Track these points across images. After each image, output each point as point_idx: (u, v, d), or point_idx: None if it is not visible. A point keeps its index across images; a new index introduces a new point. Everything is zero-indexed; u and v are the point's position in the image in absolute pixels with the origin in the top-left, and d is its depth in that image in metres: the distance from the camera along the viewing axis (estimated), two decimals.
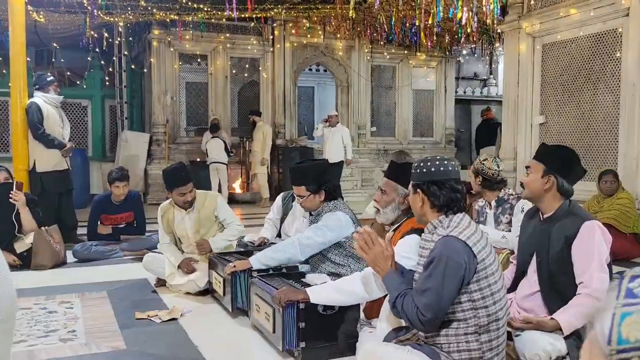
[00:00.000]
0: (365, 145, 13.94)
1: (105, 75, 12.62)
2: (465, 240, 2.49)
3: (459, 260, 2.44)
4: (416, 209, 2.70)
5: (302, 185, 4.12)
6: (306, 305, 3.17)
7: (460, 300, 2.51)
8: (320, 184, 4.10)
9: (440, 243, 2.52)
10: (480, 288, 2.50)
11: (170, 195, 4.84)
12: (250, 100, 13.59)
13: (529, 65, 8.53)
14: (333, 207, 4.09)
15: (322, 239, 3.94)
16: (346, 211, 4.07)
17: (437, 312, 2.46)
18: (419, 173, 2.66)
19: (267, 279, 3.66)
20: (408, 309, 2.51)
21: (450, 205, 2.60)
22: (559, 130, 8.06)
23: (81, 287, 4.99)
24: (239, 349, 3.50)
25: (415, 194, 2.67)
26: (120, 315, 4.15)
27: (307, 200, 4.14)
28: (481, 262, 2.50)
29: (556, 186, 3.18)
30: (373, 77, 14.26)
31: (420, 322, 2.48)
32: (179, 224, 4.87)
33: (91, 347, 3.49)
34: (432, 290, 2.46)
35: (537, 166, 3.25)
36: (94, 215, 6.42)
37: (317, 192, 4.11)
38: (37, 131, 6.89)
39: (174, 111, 12.45)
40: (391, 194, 3.36)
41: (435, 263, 2.48)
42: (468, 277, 2.48)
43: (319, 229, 3.95)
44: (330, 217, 3.99)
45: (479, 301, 2.51)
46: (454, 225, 2.57)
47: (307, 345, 3.20)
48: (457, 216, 2.61)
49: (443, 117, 14.96)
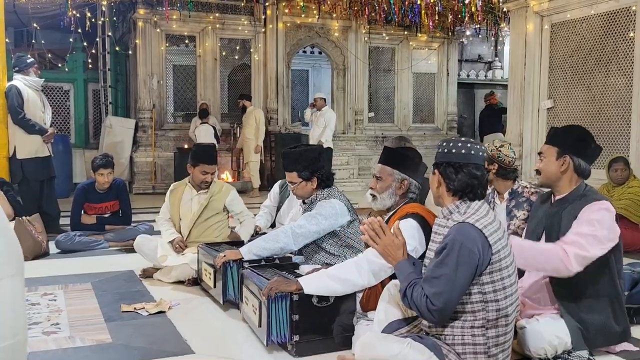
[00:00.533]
0: (362, 131, 13.93)
1: (88, 58, 12.56)
2: (481, 228, 2.50)
3: (473, 249, 2.46)
4: (433, 189, 2.73)
5: (294, 172, 4.13)
6: (300, 297, 3.19)
7: (470, 292, 2.53)
8: (313, 171, 4.10)
9: (455, 229, 2.53)
10: (493, 281, 2.52)
11: (191, 171, 4.97)
12: (241, 84, 13.57)
13: (536, 46, 8.52)
14: (327, 194, 4.10)
15: (316, 227, 3.95)
16: (341, 199, 4.08)
17: (447, 301, 2.47)
18: (440, 153, 2.68)
19: (259, 270, 3.68)
20: (417, 298, 2.52)
21: (466, 190, 2.61)
22: (568, 115, 8.08)
23: (65, 278, 5.00)
24: (228, 342, 3.53)
25: (433, 174, 2.70)
26: (106, 307, 4.17)
27: (298, 188, 4.16)
28: (496, 254, 2.51)
29: (572, 166, 3.21)
30: (371, 60, 14.23)
31: (429, 312, 2.49)
32: (185, 202, 5.01)
33: (75, 341, 3.51)
34: (444, 278, 2.47)
35: (550, 149, 3.27)
36: (77, 205, 6.42)
37: (309, 180, 4.12)
38: (17, 116, 6.88)
39: (160, 95, 12.41)
40: (387, 179, 3.40)
41: (448, 250, 2.49)
42: (481, 268, 2.49)
43: (313, 217, 3.97)
44: (324, 205, 4.00)
45: (489, 294, 2.52)
46: (471, 212, 2.58)
47: (301, 339, 3.22)
48: (475, 203, 2.62)
49: (445, 102, 14.95)
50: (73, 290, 4.66)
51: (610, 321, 3.14)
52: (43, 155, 7.14)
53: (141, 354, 3.31)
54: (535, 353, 3.10)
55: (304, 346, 3.23)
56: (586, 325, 3.11)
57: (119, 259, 5.83)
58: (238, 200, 5.14)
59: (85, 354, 3.30)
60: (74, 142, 12.66)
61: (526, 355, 3.15)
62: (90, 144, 12.95)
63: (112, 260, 5.75)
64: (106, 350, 3.37)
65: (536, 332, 3.10)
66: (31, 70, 7.14)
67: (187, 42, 12.80)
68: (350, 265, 3.19)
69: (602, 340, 3.17)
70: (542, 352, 3.09)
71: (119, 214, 6.57)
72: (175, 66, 13.12)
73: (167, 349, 3.38)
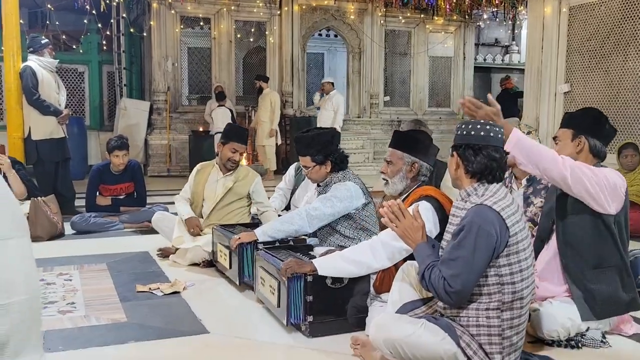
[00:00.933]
0: (377, 115, 13.89)
1: (102, 39, 12.58)
2: (499, 211, 2.50)
3: (491, 231, 2.46)
4: (451, 171, 2.73)
5: (307, 156, 4.12)
6: (314, 278, 3.21)
7: (487, 274, 2.54)
8: (327, 155, 4.09)
9: (473, 211, 2.54)
10: (510, 263, 2.52)
11: (221, 149, 5.00)
12: (256, 66, 13.57)
13: (554, 29, 8.44)
14: (342, 177, 4.10)
15: (331, 210, 3.95)
16: (356, 181, 4.08)
17: (465, 283, 2.48)
18: (459, 135, 2.67)
19: (273, 252, 3.70)
20: (435, 281, 2.53)
21: (485, 173, 2.61)
22: (585, 99, 8.01)
23: (80, 259, 5.06)
24: (243, 322, 3.56)
25: (452, 156, 2.70)
26: (121, 287, 4.22)
27: (312, 171, 4.15)
28: (513, 236, 2.52)
29: (588, 147, 3.21)
30: (387, 43, 14.16)
31: (447, 295, 2.50)
32: (211, 184, 5.04)
33: (90, 319, 3.56)
34: (461, 260, 2.48)
35: (565, 132, 3.28)
36: (93, 186, 6.47)
37: (323, 163, 4.10)
38: (32, 96, 6.93)
39: (175, 78, 12.43)
40: (397, 163, 3.42)
41: (465, 231, 2.50)
42: (498, 250, 2.50)
43: (328, 199, 3.97)
44: (339, 188, 4.01)
45: (506, 277, 2.53)
46: (489, 195, 2.58)
47: (315, 320, 3.24)
48: (493, 185, 2.62)
49: (461, 86, 14.86)
50: (88, 270, 4.71)
51: (618, 291, 3.12)
52: (58, 136, 7.19)
53: (156, 333, 3.35)
54: (548, 335, 3.11)
55: (317, 327, 3.25)
56: (593, 295, 3.11)
57: (134, 240, 5.88)
58: (261, 189, 5.12)
59: (100, 333, 3.35)
60: (89, 124, 12.72)
61: (539, 338, 3.16)
62: (105, 126, 13.02)
63: (126, 242, 5.80)
64: (121, 329, 3.42)
65: (549, 314, 3.10)
66: (46, 51, 7.16)
67: (202, 24, 12.77)
68: (365, 247, 3.20)
69: (610, 310, 3.16)
70: (555, 335, 3.09)
71: (134, 195, 6.61)
72: (190, 48, 13.13)
73: (182, 329, 3.42)
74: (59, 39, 12.02)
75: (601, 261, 3.14)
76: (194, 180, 5.14)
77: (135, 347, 3.15)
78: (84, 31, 12.30)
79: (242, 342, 3.24)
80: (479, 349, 2.58)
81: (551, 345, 3.13)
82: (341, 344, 3.12)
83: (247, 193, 5.06)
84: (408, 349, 2.62)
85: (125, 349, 3.13)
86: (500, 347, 2.57)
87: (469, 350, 2.57)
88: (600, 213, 3.07)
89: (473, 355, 2.57)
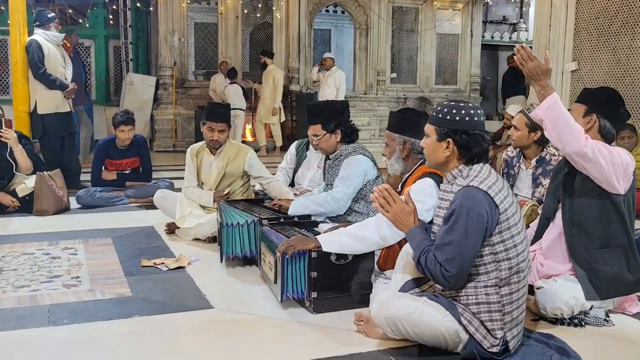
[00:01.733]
0: (384, 92, 13.81)
1: (109, 14, 12.48)
2: (486, 190, 2.50)
3: (481, 211, 2.46)
4: (438, 157, 2.67)
5: (318, 124, 4.13)
6: (318, 254, 3.20)
7: (482, 253, 2.54)
8: (337, 124, 4.12)
9: (460, 194, 2.52)
10: (503, 240, 2.52)
11: (202, 130, 4.89)
12: (263, 42, 13.48)
13: (562, 7, 8.33)
14: (353, 150, 4.10)
15: (353, 187, 4.01)
16: (366, 154, 4.09)
17: (461, 266, 2.48)
18: (448, 120, 2.62)
19: (278, 228, 3.69)
20: (431, 265, 2.53)
21: (480, 157, 2.61)
22: (592, 78, 7.93)
23: (85, 233, 5.06)
24: (247, 298, 3.55)
25: (441, 141, 2.64)
26: (126, 262, 4.22)
27: (322, 140, 4.14)
28: (503, 213, 2.51)
29: (597, 127, 3.17)
30: (394, 20, 14.04)
31: (444, 279, 2.51)
32: (206, 168, 4.96)
33: (95, 294, 3.57)
34: (455, 244, 2.48)
35: (579, 108, 3.23)
36: (98, 161, 6.47)
37: (333, 132, 4.12)
38: (38, 70, 6.89)
39: (181, 53, 12.37)
40: (392, 144, 3.47)
41: (455, 215, 2.49)
42: (490, 229, 2.50)
43: (347, 179, 4.01)
44: (351, 162, 4.03)
45: (501, 253, 2.52)
46: (474, 175, 2.57)
47: (319, 295, 3.24)
48: (477, 165, 2.61)
49: (468, 64, 14.74)
50: (93, 244, 4.72)
51: (623, 272, 3.10)
52: (64, 110, 7.17)
53: (160, 308, 3.35)
54: (551, 313, 3.10)
55: (321, 303, 3.25)
56: (598, 275, 3.09)
57: (139, 215, 5.88)
58: (257, 162, 4.97)
59: (105, 306, 3.35)
60: (95, 98, 12.69)
61: (542, 315, 3.16)
62: (111, 101, 12.99)
63: (132, 216, 5.80)
64: (126, 303, 3.42)
65: (553, 292, 3.09)
66: (52, 25, 7.12)
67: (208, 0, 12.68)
68: (370, 224, 3.20)
69: (614, 290, 3.14)
70: (559, 312, 3.08)
71: (140, 170, 6.60)
72: (196, 24, 13.04)
73: (186, 303, 3.42)
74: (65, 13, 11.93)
75: (608, 241, 3.11)
76: (191, 164, 5.01)
77: (140, 322, 3.16)
78: (90, 5, 12.20)
79: (245, 318, 3.24)
80: (480, 326, 2.58)
81: (554, 323, 3.12)
82: (345, 320, 3.12)
83: (243, 171, 4.94)
84: (409, 326, 2.62)
85: (130, 323, 3.13)
86: (502, 323, 2.57)
87: (471, 327, 2.57)
88: (609, 193, 3.04)
89: (475, 332, 2.57)
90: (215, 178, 4.90)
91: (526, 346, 2.74)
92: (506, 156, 4.64)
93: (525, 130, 4.28)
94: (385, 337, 2.83)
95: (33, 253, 4.42)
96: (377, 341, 2.87)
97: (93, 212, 5.96)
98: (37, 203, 5.75)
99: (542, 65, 2.91)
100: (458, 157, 2.63)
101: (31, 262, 4.19)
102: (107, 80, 13.15)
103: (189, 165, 5.03)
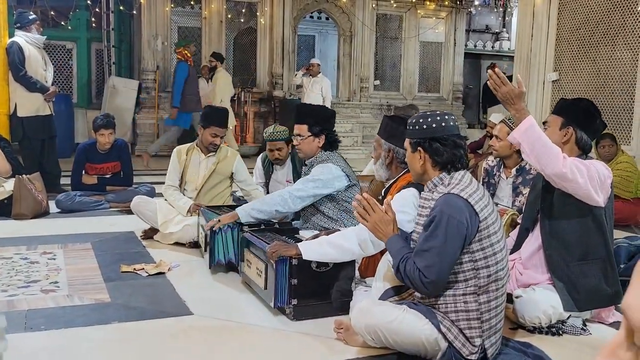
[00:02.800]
0: (367, 99, 13.87)
1: (91, 16, 12.41)
2: (466, 198, 2.52)
3: (461, 219, 2.47)
4: (415, 168, 2.71)
5: (305, 124, 4.11)
6: (299, 261, 3.20)
7: (462, 261, 2.55)
8: (323, 129, 4.11)
9: (441, 201, 2.54)
10: (483, 247, 2.54)
11: (201, 132, 4.92)
12: (247, 47, 13.45)
13: (544, 17, 8.43)
14: (326, 158, 4.08)
15: (313, 190, 3.97)
16: (338, 163, 4.06)
17: (439, 273, 2.49)
18: (417, 130, 2.66)
19: (259, 234, 3.69)
20: (411, 272, 2.53)
21: (454, 162, 2.63)
22: (573, 88, 8.02)
23: (64, 238, 5.02)
24: (227, 304, 3.55)
25: (414, 152, 2.67)
26: (105, 267, 4.19)
27: (305, 142, 4.11)
28: (483, 221, 2.53)
29: (574, 139, 3.19)
30: (378, 27, 14.10)
31: (423, 285, 2.51)
32: (193, 167, 4.95)
33: (74, 299, 3.53)
34: (434, 251, 2.49)
35: (556, 119, 3.25)
36: (78, 164, 6.41)
37: (317, 136, 4.10)
38: (19, 72, 6.84)
39: (164, 57, 12.33)
40: (378, 149, 3.46)
41: (436, 222, 2.50)
42: (470, 237, 2.51)
43: (309, 181, 3.98)
44: (319, 169, 4.02)
45: (480, 261, 2.54)
46: (455, 183, 2.59)
47: (299, 303, 3.24)
48: (458, 173, 2.63)
49: (451, 72, 14.85)
50: (72, 249, 4.68)
51: (601, 284, 3.13)
52: (44, 113, 7.12)
53: (140, 314, 3.33)
54: (530, 322, 3.12)
55: (302, 310, 3.25)
56: (576, 287, 3.11)
57: (120, 219, 5.85)
58: (243, 167, 5.05)
59: (83, 312, 3.33)
60: (76, 101, 12.60)
61: (521, 324, 3.18)
62: (93, 104, 12.88)
63: (112, 221, 5.76)
64: (105, 309, 3.40)
65: (532, 301, 3.12)
66: (33, 27, 7.07)
67: (192, 3, 12.63)
68: (351, 233, 3.19)
69: (592, 302, 3.17)
70: (537, 321, 3.11)
71: (120, 174, 6.56)
72: (180, 28, 12.99)
73: (166, 310, 3.41)
74: (47, 14, 11.85)
75: (587, 254, 3.13)
76: (176, 164, 5.01)
77: (118, 328, 3.14)
78: (73, 8, 12.11)
79: (225, 324, 3.23)
80: (459, 334, 2.59)
81: (532, 332, 3.14)
82: (325, 328, 3.11)
83: (230, 173, 5.00)
84: (389, 334, 2.63)
85: (109, 330, 3.11)
86: (480, 331, 2.59)
87: (450, 335, 2.59)
88: (590, 206, 3.06)
89: (454, 340, 2.58)
90: (203, 175, 4.91)
91: (504, 354, 2.77)
92: (487, 165, 4.68)
93: (508, 141, 4.31)
94: (365, 345, 2.83)
95: (11, 257, 4.37)
96: (356, 349, 2.87)
97: (73, 217, 5.91)
98: (16, 207, 5.69)
99: (515, 89, 2.92)
100: (433, 165, 2.65)
101: (9, 266, 4.14)
102: (88, 83, 13.05)
103: (174, 164, 5.02)
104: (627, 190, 5.97)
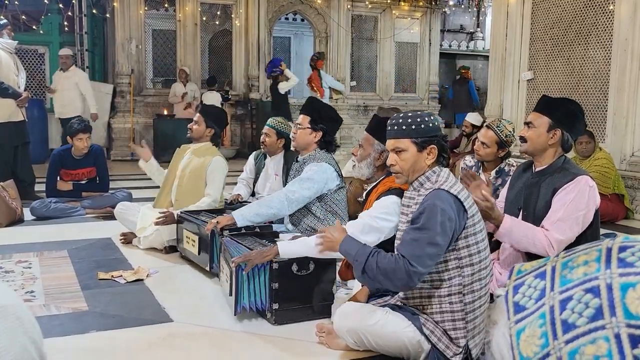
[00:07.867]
0: (344, 100, 13.85)
1: (63, 20, 12.25)
2: (456, 194, 2.53)
3: (451, 214, 2.48)
4: (422, 166, 2.67)
5: (309, 116, 4.17)
6: (280, 265, 3.18)
7: (447, 259, 2.55)
8: (324, 127, 4.16)
9: (432, 195, 2.54)
10: (468, 245, 2.55)
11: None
12: (222, 50, 13.40)
13: (518, 17, 8.49)
14: (319, 157, 4.10)
15: (308, 192, 4.00)
16: (331, 163, 4.10)
17: (425, 263, 2.46)
18: (423, 129, 2.64)
19: (239, 239, 3.65)
20: (391, 263, 2.48)
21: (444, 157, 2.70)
22: (547, 87, 8.09)
23: (40, 245, 4.94)
24: (207, 311, 3.51)
25: (421, 151, 2.64)
26: (82, 275, 4.12)
27: (302, 132, 4.17)
28: (471, 218, 2.55)
29: (560, 140, 3.20)
30: (353, 28, 14.13)
31: (408, 276, 2.44)
32: (184, 161, 4.97)
33: (50, 309, 3.47)
34: (424, 240, 2.46)
35: (543, 120, 3.21)
36: (53, 170, 6.31)
37: (316, 130, 4.15)
38: None
39: (139, 60, 12.22)
40: (368, 148, 3.38)
41: (427, 214, 2.49)
42: (457, 233, 2.52)
43: (305, 181, 4.00)
44: (313, 168, 4.04)
45: (465, 259, 2.54)
46: (443, 180, 2.60)
47: (281, 307, 3.21)
48: (443, 172, 2.64)
49: (427, 72, 14.92)
50: (48, 257, 4.60)
51: None
52: (17, 119, 7.02)
53: (118, 322, 3.28)
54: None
55: (283, 314, 3.23)
56: None
57: (96, 226, 5.77)
58: (216, 173, 4.84)
59: (60, 322, 3.27)
60: (50, 106, 12.42)
61: None
62: None
63: (88, 228, 5.68)
64: (82, 318, 3.34)
65: None
66: (4, 32, 6.97)
67: (166, 6, 12.52)
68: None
69: None
70: None
71: (96, 180, 6.47)
72: (154, 30, 12.90)
73: (145, 317, 3.36)
74: (18, 18, 11.69)
75: None
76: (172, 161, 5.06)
77: (97, 337, 3.09)
78: (44, 11, 11.96)
79: (206, 331, 3.19)
80: (443, 335, 2.58)
81: None
82: (307, 332, 3.10)
83: (204, 172, 4.83)
84: (372, 337, 2.62)
85: (86, 339, 3.06)
86: (465, 331, 2.58)
87: (433, 337, 2.57)
88: None
89: (437, 341, 2.57)
90: (184, 164, 4.89)
91: None
92: (464, 165, 4.69)
93: (495, 148, 4.39)
94: (348, 349, 2.82)
95: None
96: (339, 352, 2.86)
97: (48, 224, 5.82)
98: None
99: (482, 204, 2.98)
100: (435, 162, 2.67)
101: None
102: None
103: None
104: (605, 185, 6.05)
